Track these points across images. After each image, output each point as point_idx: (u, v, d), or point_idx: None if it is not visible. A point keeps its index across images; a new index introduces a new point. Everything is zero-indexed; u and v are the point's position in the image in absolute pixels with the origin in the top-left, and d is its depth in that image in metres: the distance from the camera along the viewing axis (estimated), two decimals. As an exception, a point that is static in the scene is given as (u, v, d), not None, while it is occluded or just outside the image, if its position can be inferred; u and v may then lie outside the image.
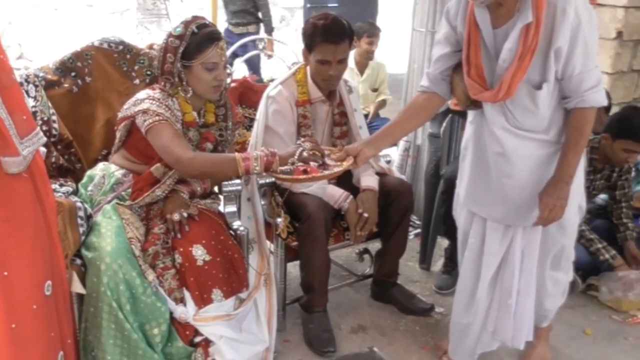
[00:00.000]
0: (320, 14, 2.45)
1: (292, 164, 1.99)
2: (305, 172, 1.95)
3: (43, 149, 2.07)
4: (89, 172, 2.21)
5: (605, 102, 1.89)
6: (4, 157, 1.39)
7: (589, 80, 1.83)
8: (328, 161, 2.04)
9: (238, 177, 2.22)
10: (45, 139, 1.58)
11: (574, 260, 2.24)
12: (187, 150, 2.03)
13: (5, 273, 1.41)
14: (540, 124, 1.94)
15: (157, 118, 2.03)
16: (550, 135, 1.95)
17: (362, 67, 4.42)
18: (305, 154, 2.00)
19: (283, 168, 1.99)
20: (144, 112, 2.04)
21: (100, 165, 2.23)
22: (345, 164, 2.01)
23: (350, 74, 4.29)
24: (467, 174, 2.17)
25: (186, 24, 2.08)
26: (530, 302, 2.14)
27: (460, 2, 1.97)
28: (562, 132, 1.95)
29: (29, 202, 1.49)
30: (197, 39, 2.05)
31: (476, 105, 2.03)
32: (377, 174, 2.62)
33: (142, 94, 2.11)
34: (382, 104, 4.49)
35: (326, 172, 1.98)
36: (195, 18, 2.11)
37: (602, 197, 3.09)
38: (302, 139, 2.08)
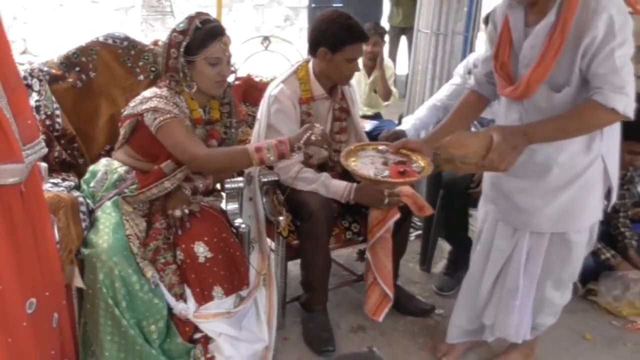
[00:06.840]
0: (330, 13, 2.39)
1: (299, 148, 1.99)
2: (402, 173, 1.92)
3: (44, 165, 2.05)
4: (91, 168, 2.20)
5: (629, 114, 1.71)
6: (5, 164, 1.33)
7: (615, 81, 1.69)
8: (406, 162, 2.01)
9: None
10: (46, 149, 1.54)
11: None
12: (202, 148, 2.04)
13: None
14: None
15: (167, 116, 2.02)
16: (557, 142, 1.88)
17: (369, 69, 4.38)
18: (313, 137, 2.00)
19: (372, 171, 1.95)
20: (154, 110, 2.03)
21: (103, 160, 2.22)
22: (427, 167, 1.98)
23: (357, 76, 4.25)
24: None
25: (190, 19, 2.08)
26: (530, 302, 2.15)
27: (505, 2, 1.95)
28: (570, 142, 1.87)
29: (19, 216, 1.42)
30: (200, 34, 2.05)
31: None
32: None
33: (148, 92, 2.10)
34: (389, 92, 4.33)
35: (417, 172, 1.95)
36: (199, 14, 2.10)
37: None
38: (315, 125, 2.05)
